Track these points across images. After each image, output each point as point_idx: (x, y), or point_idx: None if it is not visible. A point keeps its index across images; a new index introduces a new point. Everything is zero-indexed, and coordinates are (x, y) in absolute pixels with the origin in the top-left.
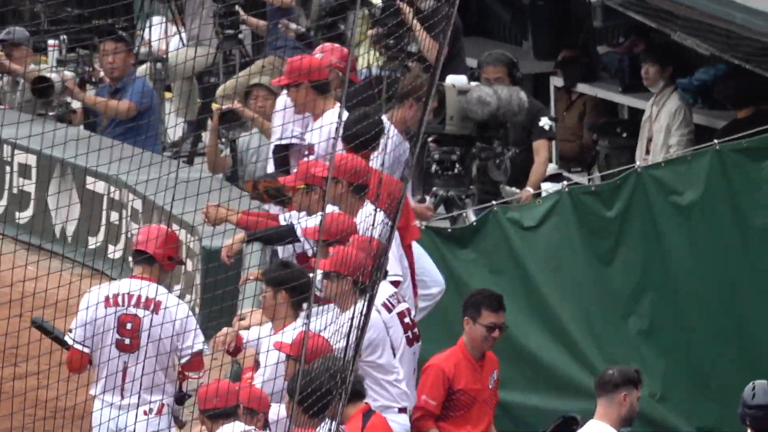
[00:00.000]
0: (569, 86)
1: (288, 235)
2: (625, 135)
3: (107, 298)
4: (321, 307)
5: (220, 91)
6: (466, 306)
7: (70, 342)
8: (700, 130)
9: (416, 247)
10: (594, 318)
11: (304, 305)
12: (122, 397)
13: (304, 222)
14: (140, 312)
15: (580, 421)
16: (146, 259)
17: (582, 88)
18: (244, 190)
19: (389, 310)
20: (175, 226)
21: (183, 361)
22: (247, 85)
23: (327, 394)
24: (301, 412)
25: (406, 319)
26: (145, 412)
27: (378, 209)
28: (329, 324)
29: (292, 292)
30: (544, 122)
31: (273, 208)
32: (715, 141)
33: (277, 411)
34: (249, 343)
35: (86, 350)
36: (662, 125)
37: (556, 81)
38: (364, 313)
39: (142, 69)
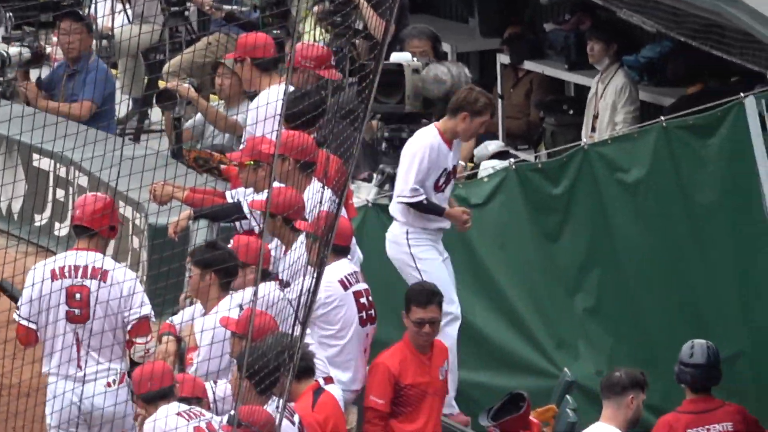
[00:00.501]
0: (516, 63)
1: (234, 212)
2: (571, 112)
3: (53, 272)
4: (266, 284)
5: (165, 68)
6: (405, 300)
7: (16, 318)
8: (646, 107)
9: None
10: (540, 295)
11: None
12: (79, 368)
13: (251, 198)
14: (88, 282)
15: (527, 398)
16: (87, 231)
17: (528, 65)
18: (188, 166)
19: (345, 288)
20: (121, 203)
21: (129, 327)
22: (201, 61)
23: (275, 371)
24: (248, 389)
25: (362, 300)
26: (108, 384)
27: (325, 186)
28: (276, 302)
29: (220, 274)
30: None
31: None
32: (662, 118)
33: (224, 389)
34: (184, 324)
35: (32, 326)
36: (608, 102)
37: (503, 58)
38: (311, 290)
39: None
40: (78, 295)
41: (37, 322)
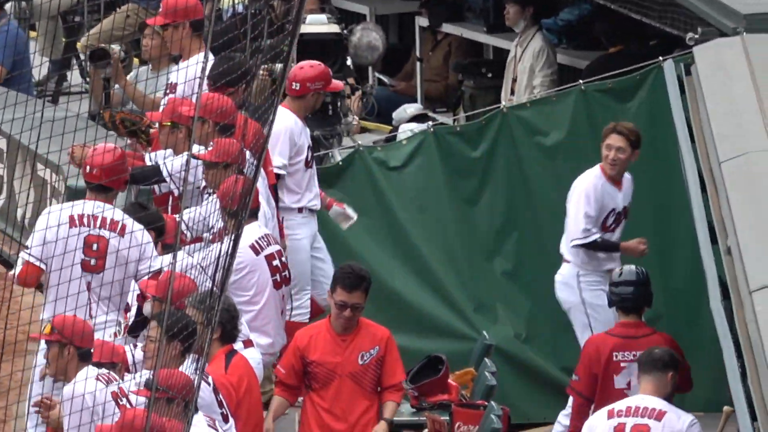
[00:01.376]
0: (434, 26)
1: (154, 174)
2: (490, 75)
3: (72, 218)
4: (187, 248)
5: (84, 40)
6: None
7: (25, 258)
8: (565, 70)
9: None
10: (459, 258)
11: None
12: (90, 317)
13: (170, 162)
14: (106, 233)
15: (445, 361)
16: (101, 186)
17: (447, 28)
18: (111, 129)
19: (257, 253)
20: (40, 166)
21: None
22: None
23: (193, 334)
24: (166, 351)
25: (275, 262)
26: (114, 335)
27: (244, 149)
28: (194, 265)
29: (151, 232)
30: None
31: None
32: (581, 81)
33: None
34: None
35: (42, 266)
36: (526, 66)
37: (422, 21)
38: (230, 253)
39: (7, 7)
40: (96, 245)
41: (49, 266)
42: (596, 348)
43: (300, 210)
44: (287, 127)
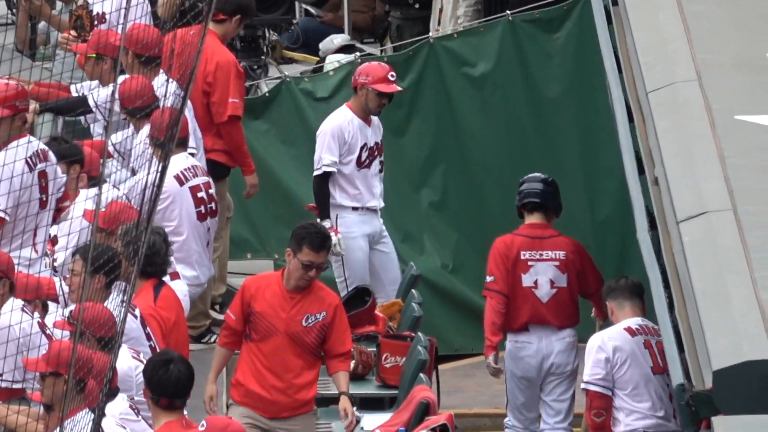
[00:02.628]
0: None
1: (80, 105)
2: (417, 6)
3: (30, 161)
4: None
5: None
6: (291, 238)
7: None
8: (491, 1)
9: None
10: (386, 189)
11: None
12: (38, 254)
13: (96, 92)
14: (45, 165)
15: (372, 292)
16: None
17: None
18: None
19: (181, 183)
20: None
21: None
22: None
23: (120, 265)
24: (92, 283)
25: (200, 194)
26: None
27: (170, 79)
28: (121, 196)
29: (69, 165)
30: None
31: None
32: (507, 12)
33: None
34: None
35: (7, 218)
36: None
37: None
38: (156, 184)
39: None
40: (43, 181)
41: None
42: (505, 246)
43: (354, 208)
44: (337, 124)
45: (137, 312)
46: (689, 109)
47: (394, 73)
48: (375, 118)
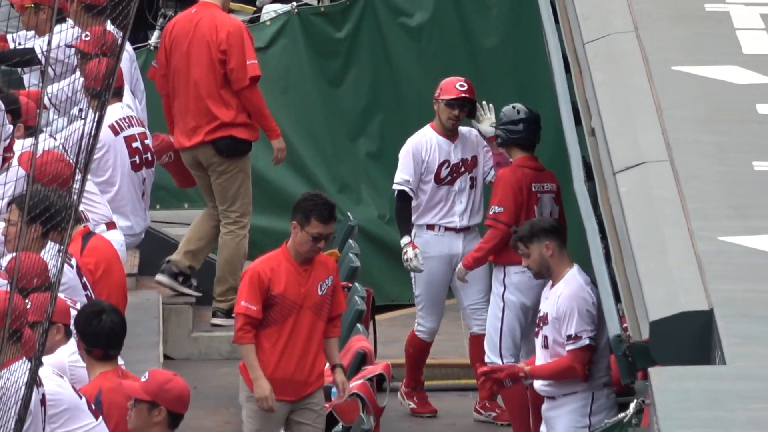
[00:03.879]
0: None
1: (23, 54)
2: None
3: None
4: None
5: None
6: (295, 210)
7: None
8: None
9: None
10: (323, 140)
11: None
12: None
13: (32, 42)
14: None
15: None
16: None
17: None
18: None
19: (116, 133)
20: None
21: None
22: None
23: (56, 215)
24: (29, 233)
25: (135, 144)
26: None
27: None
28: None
29: (9, 114)
30: None
31: None
32: None
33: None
34: None
35: None
36: None
37: None
38: (92, 134)
39: None
40: None
41: None
42: (517, 178)
43: (430, 227)
44: (414, 143)
45: (73, 262)
46: (626, 60)
47: (464, 83)
48: (466, 133)
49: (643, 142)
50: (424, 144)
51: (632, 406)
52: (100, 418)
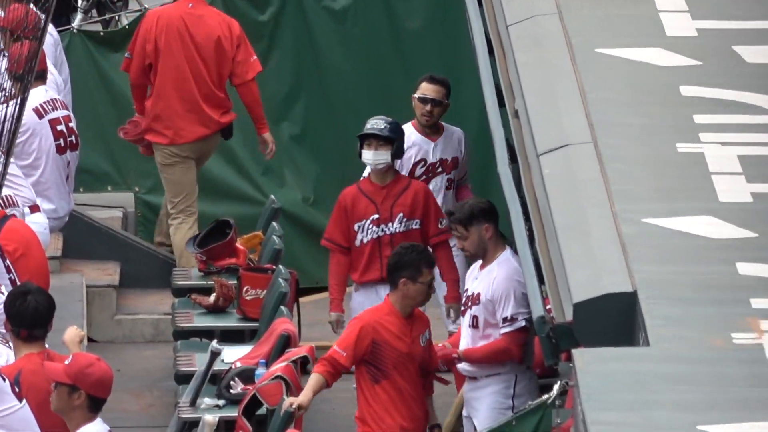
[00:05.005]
0: None
1: None
2: None
3: None
4: None
5: None
6: (399, 267)
7: None
8: None
9: None
10: (247, 122)
11: None
12: None
13: None
14: None
15: (233, 225)
16: None
17: None
18: None
19: (40, 116)
20: None
21: None
22: None
23: None
24: None
25: (60, 127)
26: None
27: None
28: None
29: None
30: None
31: None
32: None
33: None
34: None
35: None
36: None
37: None
38: (15, 116)
39: None
40: None
41: None
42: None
43: None
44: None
45: None
46: (550, 42)
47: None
48: (451, 133)
49: (566, 124)
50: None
51: (556, 387)
52: (24, 400)
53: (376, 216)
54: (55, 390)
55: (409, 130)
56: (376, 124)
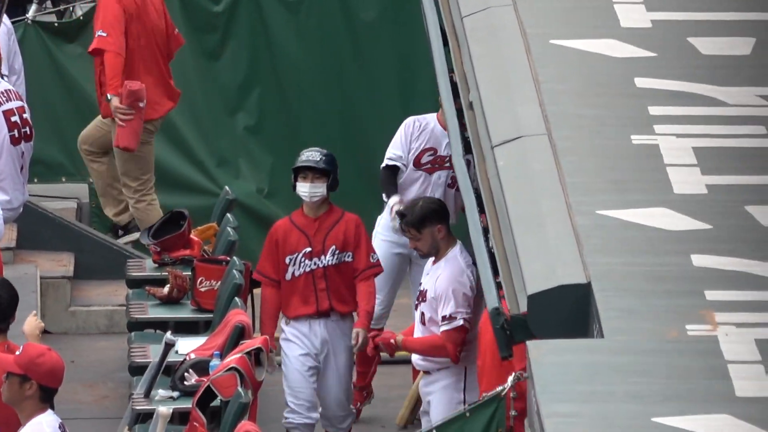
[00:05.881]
0: None
1: None
2: None
3: None
4: None
5: None
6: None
7: None
8: None
9: None
10: (201, 113)
11: None
12: None
13: None
14: None
15: (187, 216)
16: None
17: None
18: None
19: None
20: None
21: None
22: None
23: None
24: None
25: (14, 118)
26: None
27: None
28: None
29: None
30: None
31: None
32: None
33: None
34: None
35: None
36: None
37: None
38: None
39: None
40: None
41: None
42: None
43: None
44: (412, 120)
45: None
46: (504, 33)
47: None
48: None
49: (521, 115)
50: (420, 124)
51: (510, 379)
52: None
53: (309, 249)
54: (6, 381)
55: (432, 118)
56: (312, 156)
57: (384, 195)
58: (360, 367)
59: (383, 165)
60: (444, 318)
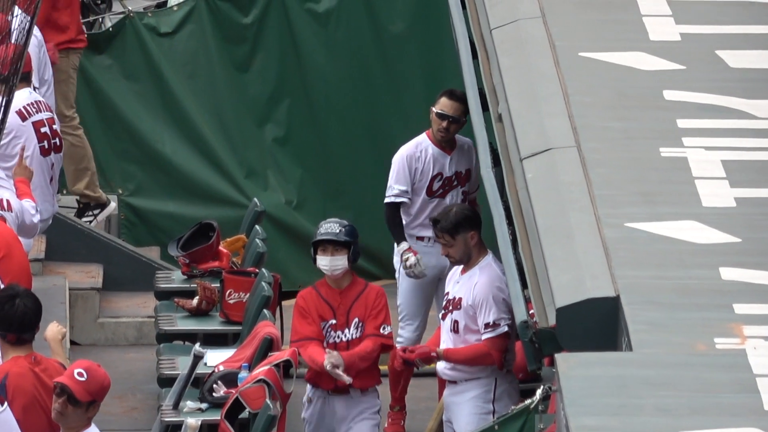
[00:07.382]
0: None
1: None
2: None
3: None
4: None
5: None
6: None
7: None
8: None
9: None
10: (230, 125)
11: None
12: None
13: None
14: None
15: (216, 227)
16: None
17: None
18: None
19: (23, 118)
20: None
21: None
22: None
23: None
24: None
25: (44, 129)
26: None
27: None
28: None
29: None
30: None
31: None
32: None
33: None
34: None
35: None
36: None
37: None
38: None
39: None
40: None
41: None
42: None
43: (420, 238)
44: (407, 153)
45: None
46: (533, 46)
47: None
48: (464, 145)
49: (549, 127)
50: (420, 155)
51: (539, 392)
52: (6, 403)
53: (333, 321)
54: (69, 406)
55: (426, 143)
56: (331, 228)
57: (392, 236)
58: (394, 389)
59: (388, 201)
60: (487, 325)
